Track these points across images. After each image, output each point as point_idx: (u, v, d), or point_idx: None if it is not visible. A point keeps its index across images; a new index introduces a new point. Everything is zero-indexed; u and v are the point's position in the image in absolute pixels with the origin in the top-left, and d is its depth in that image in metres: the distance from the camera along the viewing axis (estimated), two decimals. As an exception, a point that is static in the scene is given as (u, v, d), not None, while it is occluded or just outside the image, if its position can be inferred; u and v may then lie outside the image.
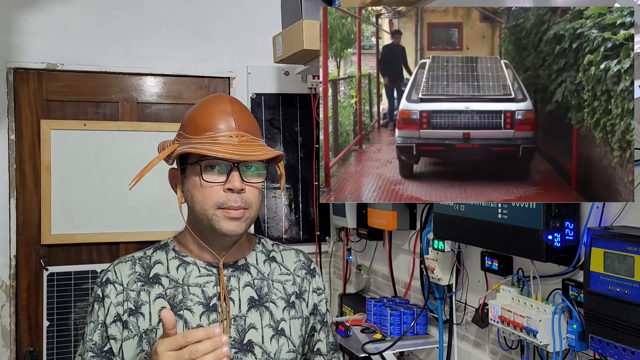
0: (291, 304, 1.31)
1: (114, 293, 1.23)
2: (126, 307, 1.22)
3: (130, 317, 1.21)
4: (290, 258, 1.38)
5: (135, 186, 1.24)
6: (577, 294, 1.32)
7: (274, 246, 1.39)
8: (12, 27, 2.54)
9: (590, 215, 1.31)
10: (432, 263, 1.86)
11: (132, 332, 1.21)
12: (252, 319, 1.24)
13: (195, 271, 1.25)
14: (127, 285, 1.24)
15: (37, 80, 2.58)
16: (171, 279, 1.24)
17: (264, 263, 1.33)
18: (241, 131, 1.21)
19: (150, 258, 1.28)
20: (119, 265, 1.27)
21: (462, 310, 1.82)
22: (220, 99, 1.26)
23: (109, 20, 2.66)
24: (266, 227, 2.86)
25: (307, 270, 1.38)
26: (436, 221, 1.73)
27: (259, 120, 2.86)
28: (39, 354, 2.53)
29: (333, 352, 1.41)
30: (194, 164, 1.19)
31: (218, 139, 1.18)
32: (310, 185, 2.92)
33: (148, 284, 1.24)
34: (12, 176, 2.52)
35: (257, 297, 1.27)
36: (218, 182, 1.18)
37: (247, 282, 1.27)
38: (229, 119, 1.21)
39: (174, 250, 1.28)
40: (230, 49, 2.83)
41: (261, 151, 1.20)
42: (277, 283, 1.31)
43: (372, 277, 2.51)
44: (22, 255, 2.54)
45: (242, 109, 1.26)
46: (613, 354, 1.14)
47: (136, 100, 2.71)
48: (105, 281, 1.25)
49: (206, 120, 1.21)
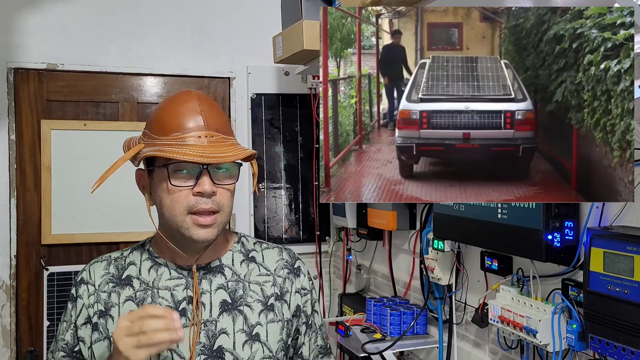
0: (269, 306, 1.24)
1: (87, 294, 1.21)
2: (96, 309, 1.20)
3: (100, 319, 1.19)
4: (272, 257, 1.30)
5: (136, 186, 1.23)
6: (576, 294, 1.32)
7: (255, 245, 1.32)
8: (13, 27, 2.54)
9: (590, 215, 1.31)
10: (432, 263, 1.86)
11: (102, 335, 1.19)
12: (224, 324, 1.19)
13: (166, 274, 1.21)
14: (99, 287, 1.21)
15: (38, 80, 2.58)
16: (142, 281, 1.21)
17: (241, 264, 1.26)
18: (211, 130, 1.14)
19: (126, 259, 1.25)
20: (94, 265, 1.25)
21: (462, 310, 1.82)
22: (187, 96, 1.19)
23: (109, 21, 2.66)
24: (266, 227, 2.86)
25: (290, 269, 1.30)
26: (436, 221, 1.73)
27: (259, 120, 2.86)
28: (39, 353, 2.54)
29: (322, 356, 1.34)
30: (161, 167, 1.13)
31: (186, 140, 1.12)
32: (310, 185, 2.93)
33: (119, 285, 1.21)
34: (13, 176, 2.52)
35: (230, 300, 1.21)
36: (187, 186, 1.12)
37: (220, 284, 1.22)
38: (197, 118, 1.14)
39: (148, 251, 1.25)
40: (231, 49, 2.83)
41: (232, 151, 1.13)
42: (254, 285, 1.24)
43: (372, 277, 2.51)
44: (22, 255, 2.54)
45: (212, 107, 1.19)
46: (613, 353, 1.14)
47: (136, 100, 2.71)
48: (80, 281, 1.23)
49: (173, 119, 1.14)
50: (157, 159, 1.15)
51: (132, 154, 1.16)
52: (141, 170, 1.22)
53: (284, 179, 2.90)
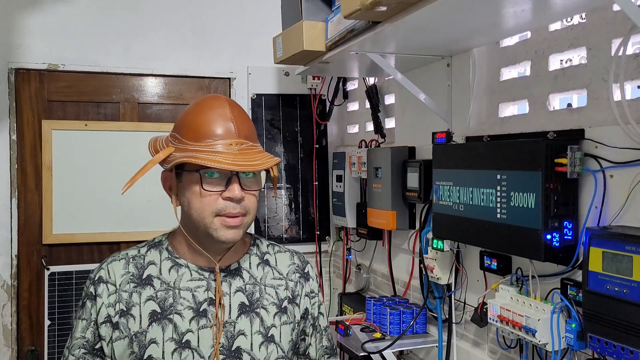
0: (283, 309, 1.28)
1: (107, 293, 1.22)
2: (118, 309, 1.21)
3: (121, 319, 1.20)
4: (284, 261, 1.35)
5: (136, 186, 1.24)
6: (575, 294, 1.32)
7: (269, 247, 1.36)
8: (13, 27, 2.55)
9: (589, 215, 1.31)
10: (431, 262, 1.86)
11: (122, 334, 1.20)
12: (242, 325, 1.23)
13: (187, 275, 1.23)
14: (120, 286, 1.22)
15: (39, 80, 2.59)
16: (163, 281, 1.23)
17: (257, 267, 1.30)
18: (241, 138, 1.18)
19: (144, 257, 1.26)
20: (112, 263, 1.26)
21: (461, 310, 1.83)
22: (218, 102, 1.21)
23: (110, 21, 2.67)
24: (266, 227, 2.87)
25: (301, 274, 1.36)
26: (435, 221, 1.74)
27: (260, 120, 2.87)
28: (40, 353, 2.54)
29: (328, 356, 1.39)
30: (193, 171, 1.17)
31: (217, 147, 1.15)
32: (310, 185, 2.93)
33: (140, 285, 1.22)
34: (14, 176, 2.53)
35: (248, 302, 1.25)
36: (217, 191, 1.16)
37: (238, 287, 1.25)
38: (228, 125, 1.17)
39: (168, 251, 1.26)
40: (231, 49, 2.84)
41: (261, 160, 1.18)
42: (269, 288, 1.29)
43: (372, 276, 2.52)
44: (23, 255, 2.55)
45: (241, 113, 1.23)
46: (612, 353, 1.14)
47: (137, 100, 2.72)
48: (98, 279, 1.24)
49: (205, 126, 1.17)
50: (187, 163, 1.17)
51: (163, 157, 1.18)
52: (167, 172, 1.23)
53: (284, 179, 2.91)
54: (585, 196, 1.35)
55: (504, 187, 1.43)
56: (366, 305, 2.15)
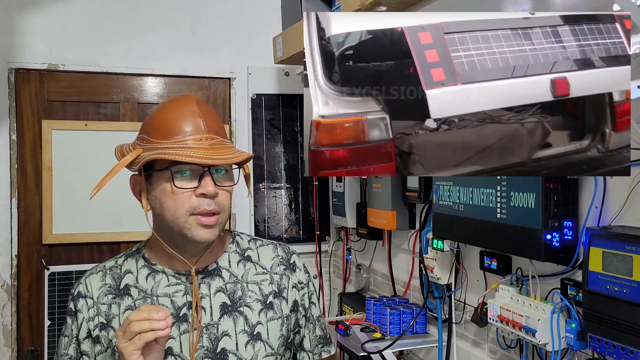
0: (268, 305, 1.25)
1: (86, 307, 1.21)
2: (97, 322, 1.20)
3: (101, 332, 1.20)
4: (267, 255, 1.31)
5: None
6: (575, 294, 1.32)
7: (250, 243, 1.33)
8: (13, 27, 2.55)
9: (589, 215, 1.32)
10: (431, 262, 1.86)
11: (104, 346, 1.19)
12: (225, 326, 1.20)
13: (164, 280, 1.21)
14: (98, 299, 1.21)
15: (39, 80, 2.59)
16: (140, 290, 1.21)
17: (238, 264, 1.27)
18: (210, 134, 1.16)
19: (121, 267, 1.25)
20: (90, 277, 1.25)
21: (461, 310, 1.83)
22: (186, 100, 1.19)
23: (110, 21, 2.67)
24: (266, 227, 2.87)
25: (286, 265, 1.31)
26: (435, 221, 1.74)
27: (260, 120, 2.87)
28: (40, 353, 2.54)
29: (322, 345, 1.37)
30: (163, 170, 1.14)
31: (187, 143, 1.13)
32: (310, 185, 2.93)
33: (118, 296, 1.21)
34: (14, 176, 2.53)
35: (229, 302, 1.22)
36: (190, 188, 1.13)
37: (218, 287, 1.23)
38: (197, 121, 1.15)
39: (144, 258, 1.25)
40: (231, 49, 2.84)
41: (233, 154, 1.15)
42: (252, 284, 1.26)
43: (372, 276, 2.52)
44: (23, 255, 2.55)
45: (209, 111, 1.21)
46: (612, 353, 1.14)
47: (137, 100, 2.72)
48: (77, 295, 1.23)
49: (174, 123, 1.15)
50: (156, 162, 1.15)
51: (131, 159, 1.15)
52: (136, 175, 1.21)
53: (284, 179, 2.91)
54: (585, 196, 1.34)
55: (504, 187, 1.43)
56: (366, 305, 2.15)
